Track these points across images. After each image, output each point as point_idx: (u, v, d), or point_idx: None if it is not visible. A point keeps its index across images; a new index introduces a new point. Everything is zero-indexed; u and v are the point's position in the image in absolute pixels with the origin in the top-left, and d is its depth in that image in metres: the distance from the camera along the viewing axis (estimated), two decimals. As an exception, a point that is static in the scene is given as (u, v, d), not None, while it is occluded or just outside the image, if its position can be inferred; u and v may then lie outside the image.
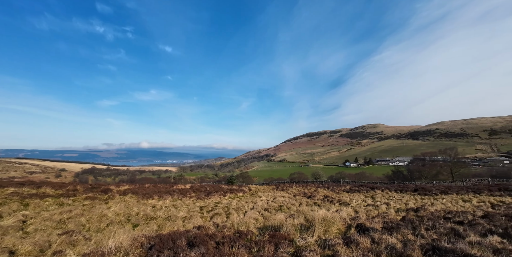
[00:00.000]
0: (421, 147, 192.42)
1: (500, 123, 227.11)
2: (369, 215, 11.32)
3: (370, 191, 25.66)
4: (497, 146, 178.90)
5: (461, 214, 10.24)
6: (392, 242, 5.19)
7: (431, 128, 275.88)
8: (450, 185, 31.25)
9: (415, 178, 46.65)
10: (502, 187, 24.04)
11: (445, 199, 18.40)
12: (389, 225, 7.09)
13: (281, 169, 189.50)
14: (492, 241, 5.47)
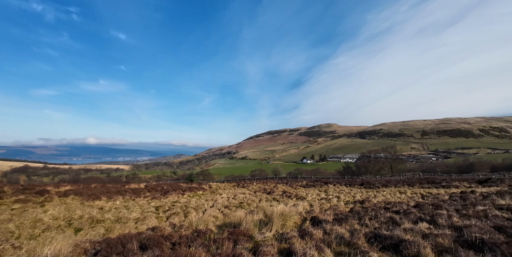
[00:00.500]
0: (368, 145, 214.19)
1: (430, 125, 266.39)
2: (322, 208, 12.18)
3: (324, 185, 27.57)
4: (427, 145, 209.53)
5: (398, 205, 11.71)
6: (341, 232, 5.66)
7: (376, 128, 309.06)
8: (390, 179, 35.52)
9: (362, 173, 51.76)
10: (430, 180, 28.29)
11: (385, 191, 20.82)
12: (339, 217, 7.71)
13: (243, 166, 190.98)
14: (421, 227, 6.38)
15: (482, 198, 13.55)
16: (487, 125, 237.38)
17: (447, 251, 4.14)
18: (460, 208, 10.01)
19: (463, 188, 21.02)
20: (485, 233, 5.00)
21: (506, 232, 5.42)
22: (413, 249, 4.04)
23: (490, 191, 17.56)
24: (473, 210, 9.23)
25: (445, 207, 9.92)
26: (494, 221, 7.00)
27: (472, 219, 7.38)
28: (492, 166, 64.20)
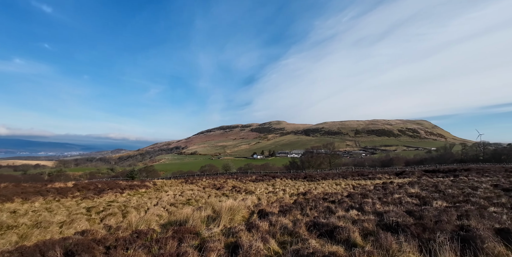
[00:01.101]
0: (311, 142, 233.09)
1: (362, 125, 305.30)
2: (270, 201, 12.73)
3: (271, 179, 28.85)
4: (358, 142, 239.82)
5: (334, 195, 13.11)
6: (285, 222, 6.02)
7: (319, 127, 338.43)
8: (328, 172, 39.45)
9: (305, 167, 56.09)
10: (360, 173, 32.50)
11: (324, 183, 23.03)
12: (284, 208, 8.18)
13: (192, 162, 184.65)
14: (352, 214, 7.26)
15: (398, 187, 16.26)
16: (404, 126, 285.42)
17: (371, 234, 4.80)
18: (382, 196, 11.81)
19: (384, 179, 24.79)
20: (399, 217, 5.99)
21: (414, 215, 6.62)
22: (344, 234, 4.57)
23: (404, 181, 21.23)
24: (391, 198, 11.00)
25: (370, 196, 11.56)
26: (406, 206, 8.48)
27: (390, 205, 8.78)
28: (407, 160, 77.75)
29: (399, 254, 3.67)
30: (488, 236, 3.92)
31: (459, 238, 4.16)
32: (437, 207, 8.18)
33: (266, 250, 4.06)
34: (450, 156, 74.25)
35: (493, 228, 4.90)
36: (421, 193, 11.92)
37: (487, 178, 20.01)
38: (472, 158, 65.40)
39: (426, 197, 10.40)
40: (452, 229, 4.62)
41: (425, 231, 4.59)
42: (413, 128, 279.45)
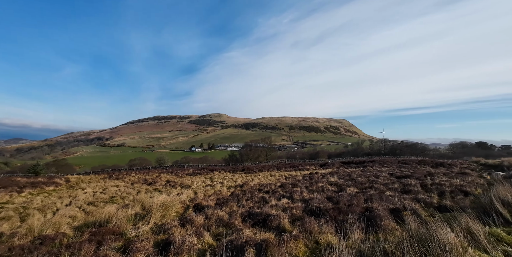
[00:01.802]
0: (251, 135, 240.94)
1: (295, 122, 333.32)
2: (207, 194, 12.56)
3: (210, 173, 28.50)
4: (292, 137, 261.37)
5: (268, 186, 13.96)
6: (221, 215, 6.04)
7: (258, 121, 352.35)
8: (265, 164, 41.66)
9: (244, 160, 57.71)
10: (292, 165, 35.51)
11: (260, 175, 24.21)
12: (221, 201, 8.22)
13: (119, 155, 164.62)
14: (283, 203, 7.86)
15: (322, 177, 18.53)
16: (329, 124, 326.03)
17: (298, 219, 5.31)
18: (308, 185, 13.25)
19: (311, 170, 27.82)
20: (321, 202, 6.82)
21: (333, 201, 7.65)
22: (276, 221, 4.92)
23: (326, 172, 24.35)
24: (316, 186, 12.45)
25: (299, 185, 12.81)
26: (327, 193, 9.74)
27: (315, 193, 9.93)
28: (329, 153, 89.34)
29: (319, 235, 4.18)
30: (385, 215, 4.87)
31: (365, 218, 5.01)
32: (350, 192, 9.72)
33: (200, 244, 3.99)
34: (361, 150, 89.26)
35: (388, 208, 6.12)
36: (339, 181, 13.94)
37: (386, 168, 24.95)
38: (377, 151, 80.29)
39: (342, 185, 12.23)
40: (360, 211, 5.55)
41: (340, 214, 5.36)
42: (335, 126, 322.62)
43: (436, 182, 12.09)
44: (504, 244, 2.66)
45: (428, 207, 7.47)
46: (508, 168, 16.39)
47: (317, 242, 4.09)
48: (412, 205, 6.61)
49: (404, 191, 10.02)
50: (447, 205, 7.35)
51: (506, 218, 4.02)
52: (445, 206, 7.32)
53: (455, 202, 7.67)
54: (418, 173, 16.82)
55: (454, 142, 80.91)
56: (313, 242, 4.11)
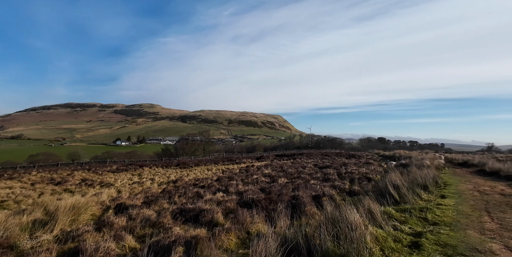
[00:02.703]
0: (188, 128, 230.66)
1: (234, 116, 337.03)
2: (133, 193, 11.33)
3: (138, 169, 25.87)
4: (231, 131, 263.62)
5: (204, 180, 13.66)
6: (149, 214, 5.54)
7: (196, 114, 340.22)
8: (202, 159, 40.66)
9: (180, 154, 54.82)
10: (229, 159, 35.80)
11: (197, 169, 23.49)
12: (150, 199, 7.55)
13: (14, 150, 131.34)
14: (218, 197, 7.80)
15: (257, 169, 19.36)
16: (266, 119, 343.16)
17: (231, 212, 5.36)
18: (244, 178, 13.62)
19: (248, 163, 28.72)
20: (255, 194, 7.09)
21: (265, 191, 8.07)
22: (209, 216, 4.83)
23: (262, 164, 25.60)
24: (251, 178, 12.92)
25: (235, 178, 13.02)
26: (261, 184, 10.22)
27: (249, 185, 10.28)
28: (265, 147, 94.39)
29: (251, 226, 4.31)
30: (308, 201, 5.41)
31: (292, 206, 5.45)
32: (281, 183, 10.49)
33: (120, 248, 3.54)
34: (292, 144, 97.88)
35: (311, 195, 6.84)
36: (272, 173, 14.88)
37: (312, 159, 28.04)
38: (305, 145, 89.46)
39: (275, 176, 13.09)
40: (288, 199, 6.02)
41: (271, 203, 5.69)
42: (272, 121, 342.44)
43: (348, 171, 14.31)
44: (394, 219, 3.35)
45: (342, 192, 8.77)
46: (398, 158, 20.78)
47: (249, 232, 4.21)
48: (330, 191, 7.60)
49: (325, 179, 11.47)
50: (355, 190, 8.79)
51: (396, 199, 5.05)
52: (354, 190, 8.73)
53: (361, 187, 9.24)
54: (336, 164, 19.56)
55: (362, 137, 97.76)
56: (244, 232, 4.21)
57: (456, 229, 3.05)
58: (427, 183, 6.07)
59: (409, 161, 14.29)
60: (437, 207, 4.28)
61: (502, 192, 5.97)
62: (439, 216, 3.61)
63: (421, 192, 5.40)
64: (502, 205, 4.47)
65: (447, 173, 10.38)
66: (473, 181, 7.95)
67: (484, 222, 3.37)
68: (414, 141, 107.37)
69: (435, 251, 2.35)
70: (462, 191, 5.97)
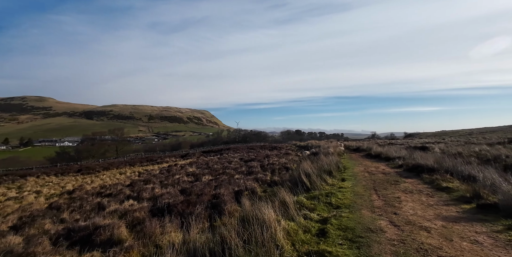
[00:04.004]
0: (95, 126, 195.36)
1: (156, 111, 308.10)
2: (2, 214, 8.45)
3: (19, 180, 19.92)
4: (152, 128, 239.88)
5: (113, 187, 11.59)
6: (16, 242, 4.07)
7: (106, 109, 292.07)
8: (114, 161, 35.11)
9: (83, 157, 45.62)
10: (149, 159, 32.25)
11: (105, 174, 19.99)
12: (23, 221, 5.67)
13: None
14: (126, 205, 6.63)
15: (181, 168, 18.07)
16: (192, 115, 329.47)
17: (139, 223, 4.55)
18: (164, 179, 12.35)
19: (171, 162, 26.61)
20: (172, 197, 6.37)
21: (186, 193, 7.41)
22: (107, 233, 3.91)
23: (187, 162, 24.17)
24: (172, 179, 11.82)
25: (153, 180, 11.62)
26: (182, 185, 9.41)
27: (169, 187, 9.30)
28: (192, 144, 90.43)
29: (161, 237, 3.72)
30: (229, 199, 5.18)
31: (212, 205, 5.10)
32: (205, 181, 9.98)
33: None
34: (220, 139, 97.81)
35: (233, 191, 6.68)
36: (196, 171, 14.13)
37: (238, 154, 28.55)
38: (233, 140, 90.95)
39: (199, 174, 12.44)
40: (208, 199, 5.64)
41: (189, 206, 5.17)
42: (198, 117, 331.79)
43: (270, 162, 15.17)
44: (305, 208, 3.50)
45: (263, 184, 9.08)
46: (310, 147, 23.62)
47: (158, 246, 3.61)
48: (252, 185, 7.68)
49: (249, 173, 11.69)
50: (275, 180, 9.26)
51: (308, 186, 5.44)
52: (274, 181, 9.18)
53: (281, 176, 9.82)
54: (260, 156, 20.51)
55: (283, 130, 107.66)
56: (153, 246, 3.58)
57: (353, 210, 3.43)
58: (331, 168, 6.90)
59: (319, 150, 16.36)
60: (339, 190, 4.83)
61: (383, 171, 7.43)
62: (341, 199, 4.05)
63: (327, 178, 6.05)
64: (384, 183, 5.49)
65: (346, 158, 12.36)
66: (364, 163, 9.68)
67: (373, 200, 3.97)
68: (322, 132, 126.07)
69: (338, 237, 2.50)
70: (356, 173, 7.08)
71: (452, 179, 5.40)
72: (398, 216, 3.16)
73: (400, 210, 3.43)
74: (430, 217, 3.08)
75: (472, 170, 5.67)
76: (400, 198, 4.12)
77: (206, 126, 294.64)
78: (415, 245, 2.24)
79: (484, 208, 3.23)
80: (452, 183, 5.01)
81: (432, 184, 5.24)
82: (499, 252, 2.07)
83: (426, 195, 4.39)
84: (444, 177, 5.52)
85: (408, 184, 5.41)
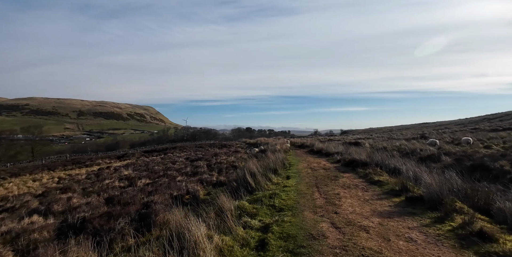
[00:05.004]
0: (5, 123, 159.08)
1: (87, 106, 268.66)
2: None
3: None
4: (82, 125, 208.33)
5: (16, 199, 9.19)
6: None
7: (20, 103, 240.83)
8: (27, 165, 28.97)
9: (-18, 162, 36.16)
10: (76, 161, 27.58)
11: (12, 182, 16.15)
12: None
13: None
14: (26, 223, 5.20)
15: (114, 171, 15.83)
16: (133, 111, 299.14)
17: (36, 249, 3.48)
18: (89, 185, 10.47)
19: (104, 164, 23.29)
20: (92, 209, 5.24)
21: (112, 202, 6.25)
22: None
23: (123, 164, 21.46)
24: (99, 185, 10.08)
25: (74, 188, 9.67)
26: (111, 192, 8.02)
27: (92, 195, 7.81)
28: (132, 143, 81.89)
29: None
30: (162, 208, 4.46)
31: (140, 217, 4.31)
32: (140, 185, 8.77)
33: None
34: (166, 137, 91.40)
35: (171, 197, 5.92)
36: (132, 174, 12.49)
37: (185, 153, 26.90)
38: (180, 138, 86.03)
39: (135, 177, 10.96)
40: (137, 209, 4.79)
41: (110, 220, 4.27)
42: (141, 113, 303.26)
43: (218, 161, 14.60)
44: (246, 215, 3.14)
45: (208, 185, 8.48)
46: (259, 145, 23.88)
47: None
48: (195, 187, 7.02)
49: (194, 174, 10.88)
50: (222, 180, 8.78)
51: (252, 187, 5.13)
52: (220, 181, 8.69)
53: (228, 176, 9.38)
54: (208, 155, 19.66)
55: (234, 128, 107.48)
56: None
57: (296, 212, 3.24)
58: (276, 166, 6.80)
59: (267, 147, 16.55)
60: (283, 190, 4.66)
61: (324, 166, 7.73)
62: (284, 200, 3.85)
63: (273, 176, 5.88)
64: (325, 179, 5.61)
65: (291, 155, 12.73)
66: (307, 159, 10.03)
67: (316, 199, 3.90)
68: (271, 129, 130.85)
69: (278, 249, 2.21)
70: (300, 169, 7.17)
71: (382, 172, 5.88)
72: (338, 215, 3.08)
73: (340, 208, 3.40)
74: (367, 214, 3.10)
75: (397, 163, 6.30)
76: (340, 195, 4.16)
77: (150, 124, 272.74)
78: (356, 251, 2.10)
79: (412, 201, 3.45)
80: (382, 176, 5.41)
81: (366, 177, 5.58)
82: (432, 249, 2.10)
83: (362, 189, 4.58)
84: (375, 170, 5.97)
85: (346, 178, 5.65)
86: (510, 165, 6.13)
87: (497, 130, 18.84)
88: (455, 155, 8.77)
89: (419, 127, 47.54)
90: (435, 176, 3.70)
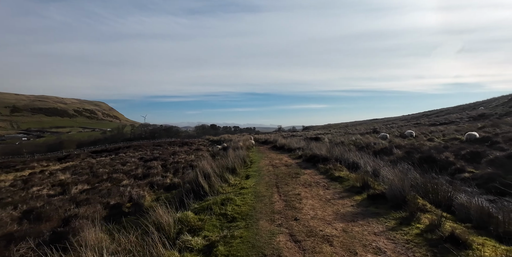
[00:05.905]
0: None
1: (24, 101, 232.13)
2: None
3: None
4: (18, 123, 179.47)
5: None
6: None
7: None
8: None
9: None
10: (4, 165, 23.15)
11: None
12: None
13: None
14: None
15: (49, 176, 13.50)
16: (81, 107, 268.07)
17: None
18: (9, 195, 8.55)
19: (39, 167, 20.01)
20: (-9, 229, 4.00)
21: (27, 217, 4.99)
22: None
23: (62, 166, 18.65)
24: (23, 194, 8.29)
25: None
26: (33, 203, 6.51)
27: (7, 208, 6.26)
28: (80, 142, 73.13)
29: None
30: (87, 224, 3.54)
31: (55, 237, 3.35)
32: (73, 192, 7.36)
33: None
34: (122, 135, 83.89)
35: (106, 206, 4.93)
36: (69, 179, 10.66)
37: (140, 152, 24.64)
38: (138, 136, 79.71)
39: (71, 183, 9.28)
40: (54, 226, 3.77)
41: (10, 244, 3.20)
42: (91, 109, 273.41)
43: (176, 161, 13.48)
44: (188, 231, 2.52)
45: (160, 188, 7.53)
46: (223, 142, 23.06)
47: None
48: (140, 192, 6.07)
49: (144, 176, 9.72)
50: (176, 182, 7.90)
51: (205, 191, 4.47)
52: (174, 184, 7.80)
53: (183, 177, 8.50)
54: (166, 154, 18.20)
55: (198, 125, 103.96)
56: None
57: (250, 223, 2.73)
58: (235, 165, 6.25)
59: (229, 144, 15.90)
60: (239, 192, 4.13)
61: (286, 163, 7.44)
62: (239, 206, 3.31)
63: (230, 177, 5.31)
64: (286, 177, 5.25)
65: (254, 151, 12.31)
66: (270, 156, 9.70)
67: (274, 202, 3.46)
68: (236, 126, 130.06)
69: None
70: (262, 167, 6.74)
71: (342, 167, 5.75)
72: (298, 223, 2.66)
73: (300, 213, 2.99)
74: (330, 218, 2.75)
75: (355, 157, 6.28)
76: (301, 195, 3.79)
77: (102, 121, 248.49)
78: (319, 277, 1.66)
79: (374, 198, 3.22)
80: (342, 172, 5.26)
81: (327, 173, 5.38)
82: (404, 263, 1.77)
83: (323, 187, 4.30)
84: (336, 166, 5.83)
85: (307, 175, 5.37)
86: (453, 157, 6.61)
87: (435, 124, 21.22)
88: (405, 148, 9.31)
89: (370, 123, 51.77)
90: (396, 171, 3.55)
